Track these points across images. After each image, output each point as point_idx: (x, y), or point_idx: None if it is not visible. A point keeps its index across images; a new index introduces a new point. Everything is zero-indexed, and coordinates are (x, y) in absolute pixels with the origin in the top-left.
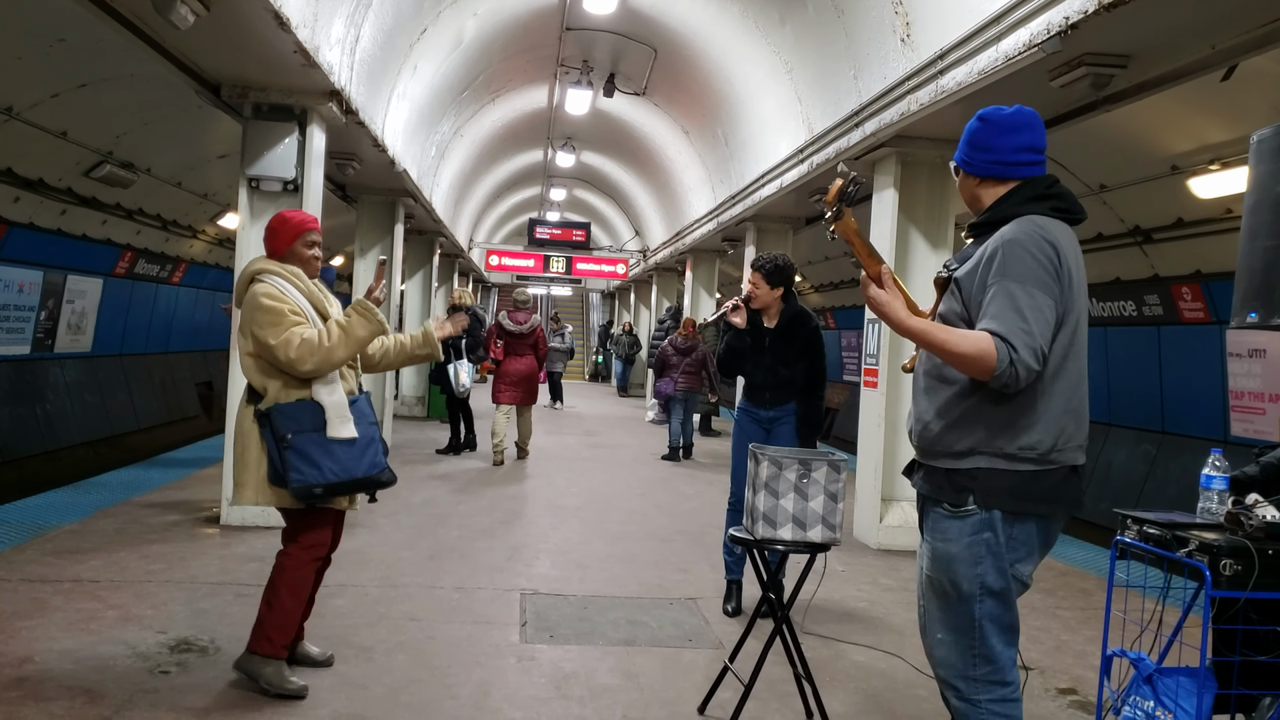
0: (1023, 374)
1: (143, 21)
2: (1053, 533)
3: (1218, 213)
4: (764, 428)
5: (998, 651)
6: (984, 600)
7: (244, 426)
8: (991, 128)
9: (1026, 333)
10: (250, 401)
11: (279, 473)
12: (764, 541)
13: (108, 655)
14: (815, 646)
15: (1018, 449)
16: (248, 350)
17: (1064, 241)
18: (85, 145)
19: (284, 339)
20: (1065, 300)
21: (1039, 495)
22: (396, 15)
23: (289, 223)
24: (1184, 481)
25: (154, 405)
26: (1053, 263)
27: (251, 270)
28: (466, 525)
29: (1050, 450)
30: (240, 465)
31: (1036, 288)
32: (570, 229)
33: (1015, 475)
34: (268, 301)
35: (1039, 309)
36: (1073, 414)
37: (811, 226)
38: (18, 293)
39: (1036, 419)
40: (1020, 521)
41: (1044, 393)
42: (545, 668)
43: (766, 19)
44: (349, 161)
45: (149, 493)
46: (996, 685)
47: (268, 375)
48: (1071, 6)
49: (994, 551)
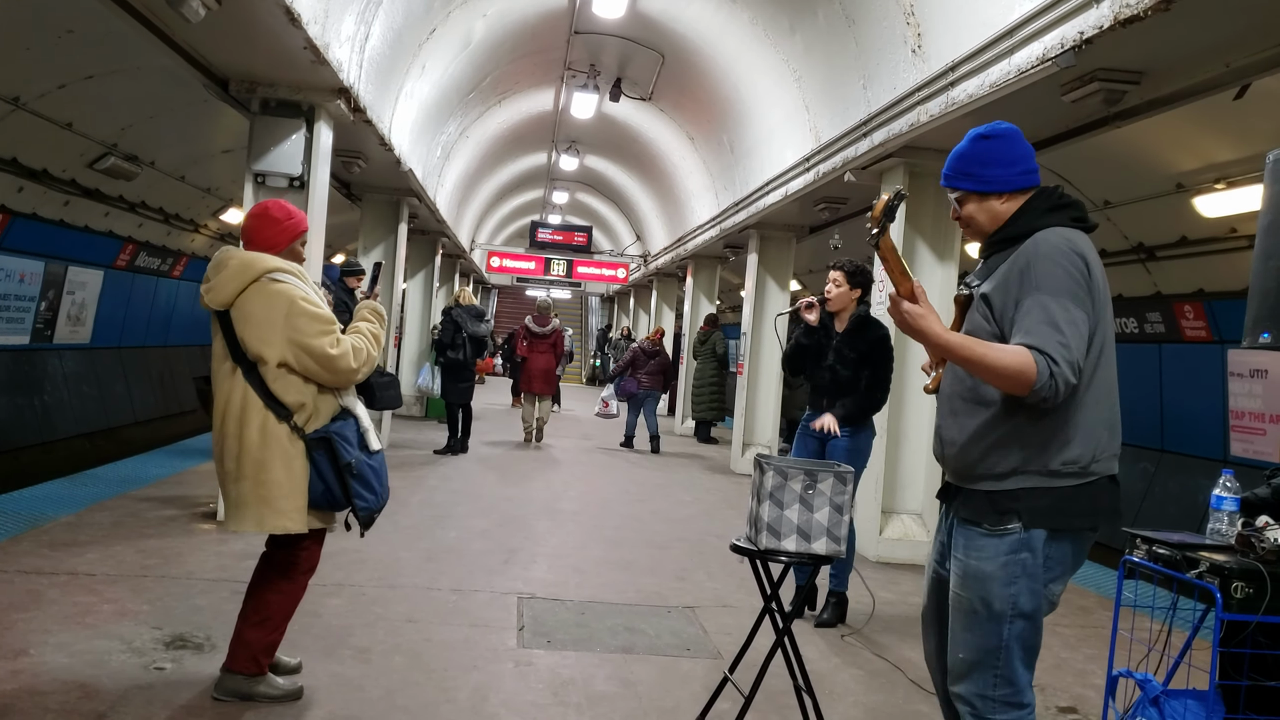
0: (1062, 387)
1: (154, 15)
2: (1085, 551)
3: (1222, 231)
4: (821, 441)
5: (1019, 673)
6: (1015, 621)
7: (283, 448)
8: (1003, 141)
9: (1064, 345)
10: (282, 419)
11: (332, 499)
12: (767, 552)
13: (103, 650)
14: (819, 659)
15: (1060, 464)
16: (279, 360)
17: (1090, 252)
18: (90, 137)
19: (345, 349)
20: (1096, 312)
21: (1080, 510)
22: (407, 14)
23: (294, 218)
24: (1183, 500)
25: (151, 398)
26: (1083, 274)
27: (262, 268)
28: (464, 527)
29: (1090, 463)
30: (274, 489)
31: (1070, 301)
32: (572, 232)
33: (1058, 493)
34: (311, 308)
35: (1074, 322)
36: (1106, 424)
37: (815, 235)
38: (18, 283)
39: (1074, 433)
40: (1058, 540)
41: (1079, 405)
42: (543, 673)
43: (776, 27)
44: (355, 159)
45: (146, 486)
46: (1013, 708)
47: (302, 389)
48: (1087, 21)
49: (1029, 572)
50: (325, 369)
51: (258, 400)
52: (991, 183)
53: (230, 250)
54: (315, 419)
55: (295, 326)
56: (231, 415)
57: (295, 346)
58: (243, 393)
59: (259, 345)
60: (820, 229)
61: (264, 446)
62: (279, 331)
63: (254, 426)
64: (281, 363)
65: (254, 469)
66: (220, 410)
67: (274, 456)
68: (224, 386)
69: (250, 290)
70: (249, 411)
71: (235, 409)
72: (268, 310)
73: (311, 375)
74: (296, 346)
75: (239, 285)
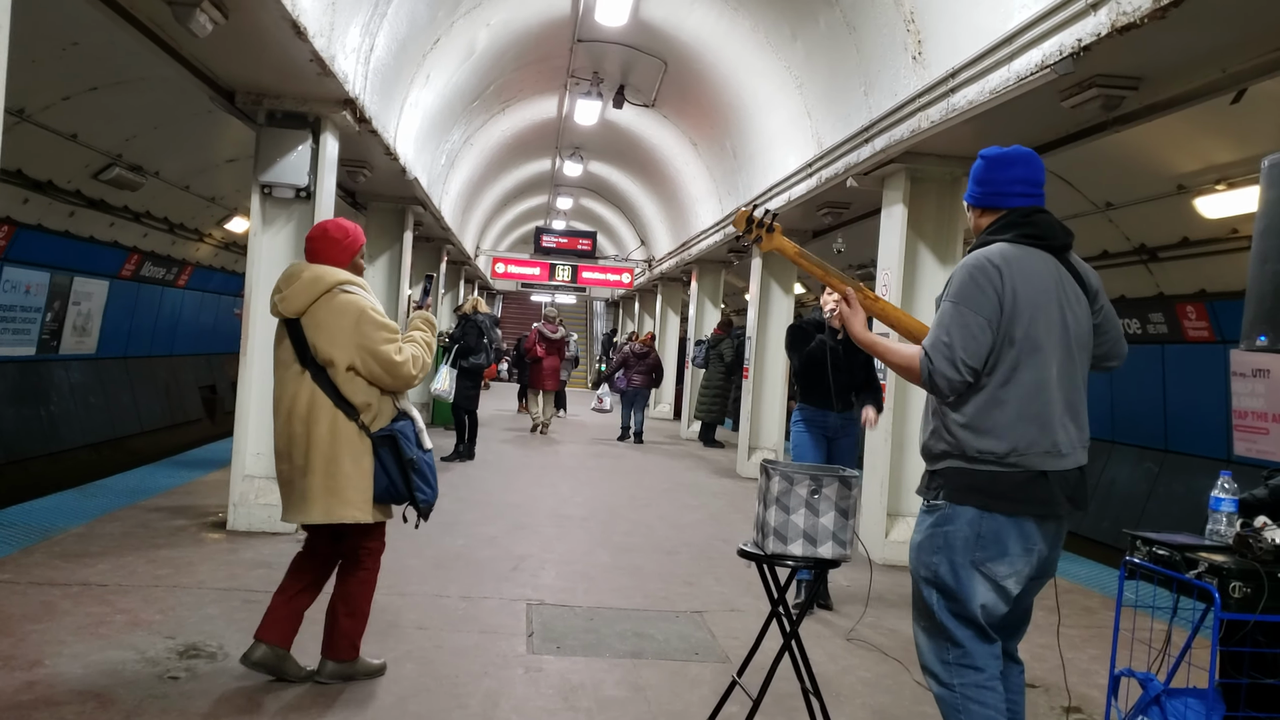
0: (941, 383)
1: (161, 29)
2: (1031, 535)
3: (1223, 232)
4: (828, 436)
5: (961, 637)
6: (934, 588)
7: (352, 444)
8: (988, 164)
9: (947, 345)
10: (350, 418)
11: (395, 492)
12: (774, 557)
13: (117, 660)
14: (822, 662)
15: (977, 452)
16: (347, 364)
17: (1014, 264)
18: (95, 148)
19: (408, 357)
20: (1008, 317)
21: (1000, 493)
22: (411, 25)
23: (353, 234)
24: (1187, 500)
25: (157, 408)
26: (992, 285)
27: (333, 280)
28: (472, 534)
29: (1008, 454)
30: (344, 481)
31: (968, 307)
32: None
33: (977, 474)
34: (378, 318)
35: (966, 326)
36: (1033, 420)
37: (819, 239)
38: (24, 294)
39: (992, 426)
40: (988, 518)
41: (996, 402)
42: (553, 679)
43: (778, 34)
44: (360, 169)
45: (155, 497)
46: (968, 669)
47: (368, 391)
48: (1085, 29)
49: (951, 544)
50: (388, 374)
51: (327, 400)
52: (971, 197)
53: (301, 264)
54: (379, 419)
55: (364, 334)
56: (299, 414)
57: (364, 352)
58: (310, 393)
59: (330, 350)
60: (824, 233)
61: (334, 443)
62: (349, 338)
63: (324, 424)
64: (350, 366)
65: (324, 463)
66: (286, 409)
67: (343, 452)
68: (290, 388)
69: (321, 300)
70: (318, 410)
71: (303, 408)
72: (339, 318)
73: (375, 379)
74: (365, 352)
75: (311, 296)
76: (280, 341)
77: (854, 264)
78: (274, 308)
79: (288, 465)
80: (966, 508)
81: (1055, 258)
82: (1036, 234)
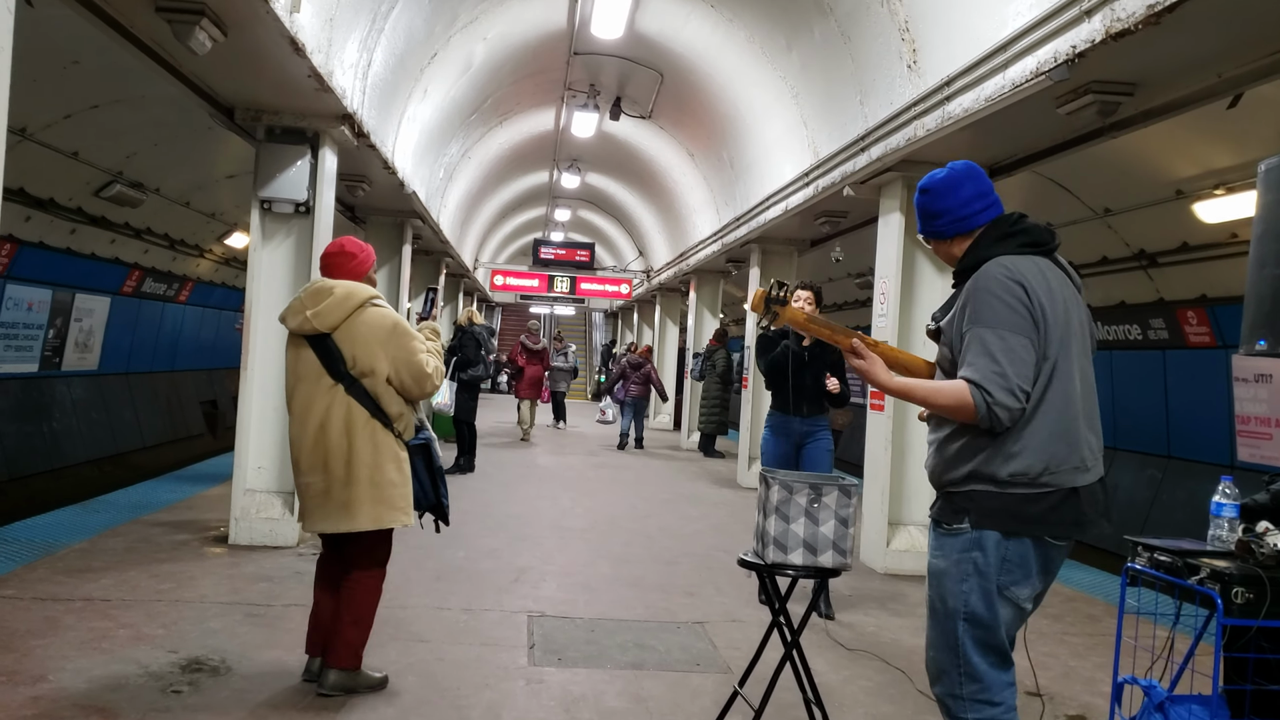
0: (1002, 415)
1: (161, 47)
2: (1053, 557)
3: (1223, 237)
4: (796, 443)
5: (982, 670)
6: (967, 618)
7: (394, 452)
8: (935, 195)
9: (1000, 374)
10: (386, 428)
11: (425, 498)
12: (774, 566)
13: (120, 674)
14: (824, 671)
15: (1008, 475)
16: (385, 374)
17: (1032, 277)
18: (96, 165)
19: (434, 367)
20: (1042, 333)
21: (1032, 516)
22: (408, 39)
23: (367, 251)
24: (1190, 506)
25: (159, 423)
26: (1022, 302)
27: (365, 295)
28: (473, 546)
29: (1040, 475)
30: (391, 489)
31: (1007, 330)
32: (574, 249)
33: (1007, 498)
34: (410, 329)
35: (1011, 350)
36: (1062, 437)
37: (816, 249)
38: (26, 311)
39: (1023, 447)
40: (1014, 542)
41: (1027, 422)
42: (554, 690)
43: (773, 45)
44: (359, 183)
45: (157, 512)
46: (984, 705)
47: (399, 401)
48: (1079, 35)
49: (981, 571)
50: (417, 383)
51: (363, 411)
52: (933, 233)
53: (326, 281)
54: (408, 429)
55: (399, 345)
56: (335, 426)
57: (398, 362)
58: (346, 406)
59: (371, 360)
60: (821, 242)
61: (377, 452)
62: (386, 348)
63: (363, 435)
64: (387, 377)
65: (369, 472)
66: (318, 422)
67: (387, 460)
68: (321, 401)
69: (356, 314)
70: (355, 422)
71: (338, 420)
72: (375, 331)
73: (403, 388)
74: (399, 362)
75: (346, 311)
76: (299, 356)
77: (852, 272)
78: (304, 323)
79: (322, 477)
80: (992, 532)
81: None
82: (1035, 241)
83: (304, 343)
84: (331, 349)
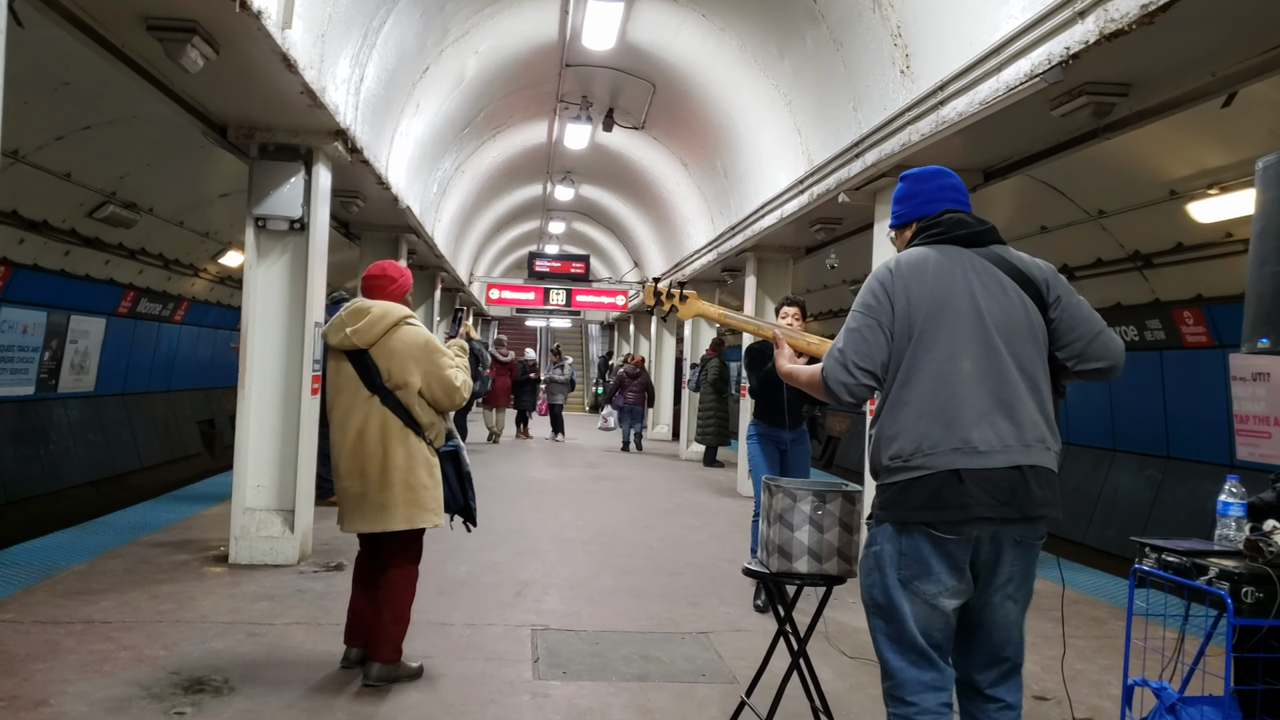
0: (835, 387)
1: (153, 66)
2: (954, 552)
3: (1218, 236)
4: (780, 449)
5: (895, 667)
6: (872, 611)
7: (426, 458)
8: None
9: (839, 351)
10: (419, 436)
11: (455, 501)
12: (779, 575)
13: (122, 697)
14: (832, 680)
15: (888, 460)
16: (417, 387)
17: (907, 264)
18: (89, 186)
19: (463, 381)
20: (901, 315)
21: (913, 503)
22: (400, 55)
23: (404, 276)
24: (1190, 506)
25: (156, 444)
26: (882, 286)
27: (400, 314)
28: (474, 560)
29: (914, 455)
30: (423, 492)
31: (859, 312)
32: (569, 261)
33: (892, 487)
34: (441, 345)
35: (853, 329)
36: (935, 417)
37: (811, 256)
38: (21, 334)
39: (898, 430)
40: (907, 536)
41: (899, 402)
42: (560, 704)
43: (765, 53)
44: (353, 199)
45: (156, 532)
46: (897, 701)
47: (430, 411)
48: (1073, 37)
49: (880, 565)
50: (447, 396)
51: (398, 421)
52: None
53: (365, 301)
54: (439, 437)
55: (431, 360)
56: (372, 434)
57: (429, 376)
58: (382, 416)
59: (405, 374)
60: (816, 249)
61: (410, 457)
62: (419, 363)
63: (397, 442)
64: (420, 389)
65: (403, 476)
66: (356, 430)
67: (419, 465)
68: (360, 411)
69: (391, 332)
70: (390, 430)
71: (375, 429)
72: (409, 347)
73: (434, 400)
74: (431, 376)
75: (383, 328)
76: (339, 370)
77: (847, 279)
78: (344, 340)
79: (359, 482)
80: (886, 525)
81: (973, 251)
82: (940, 230)
83: (344, 357)
84: (369, 363)
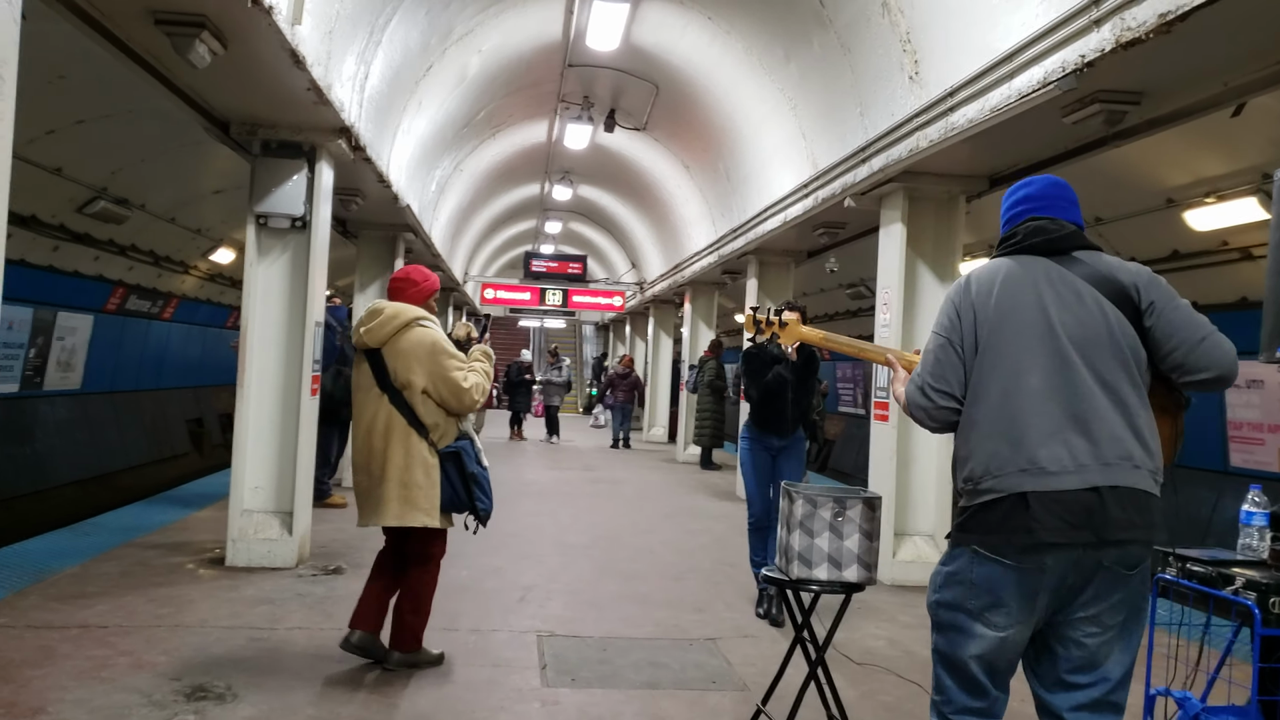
0: (914, 411)
1: (158, 60)
2: (1028, 581)
3: (1214, 245)
4: (772, 454)
5: (944, 684)
6: (934, 627)
7: (423, 458)
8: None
9: (916, 374)
10: (421, 436)
11: (457, 502)
12: (799, 582)
13: (122, 704)
14: (843, 688)
15: (962, 482)
16: (421, 388)
17: (978, 278)
18: (80, 181)
19: (473, 383)
20: (968, 331)
21: (989, 527)
22: (405, 52)
23: (428, 280)
24: (1185, 513)
25: (144, 443)
26: (952, 302)
27: (411, 316)
28: (476, 565)
29: (983, 477)
30: (416, 490)
31: (934, 332)
32: (566, 261)
33: (967, 511)
34: (449, 348)
35: (930, 351)
36: (1001, 436)
37: (813, 259)
38: (6, 330)
39: (971, 451)
40: (979, 562)
41: (971, 423)
42: (570, 712)
43: (771, 56)
44: (353, 197)
45: (150, 534)
46: (942, 717)
47: (436, 412)
48: (1088, 45)
49: (948, 584)
50: (454, 397)
51: (401, 419)
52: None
53: (382, 302)
54: (445, 438)
55: (437, 362)
56: (377, 431)
57: (435, 377)
58: (388, 414)
59: (408, 375)
60: (818, 253)
61: (408, 456)
62: (425, 364)
63: (398, 440)
64: (424, 390)
65: (398, 474)
66: (366, 427)
67: (416, 464)
68: (370, 408)
69: (401, 332)
70: (394, 428)
71: (381, 426)
72: (415, 348)
73: (443, 402)
74: (437, 377)
75: (393, 329)
76: (359, 368)
77: (844, 283)
78: (359, 339)
79: (366, 476)
80: (963, 550)
81: (1054, 260)
82: (1016, 240)
83: (363, 356)
84: (380, 362)
